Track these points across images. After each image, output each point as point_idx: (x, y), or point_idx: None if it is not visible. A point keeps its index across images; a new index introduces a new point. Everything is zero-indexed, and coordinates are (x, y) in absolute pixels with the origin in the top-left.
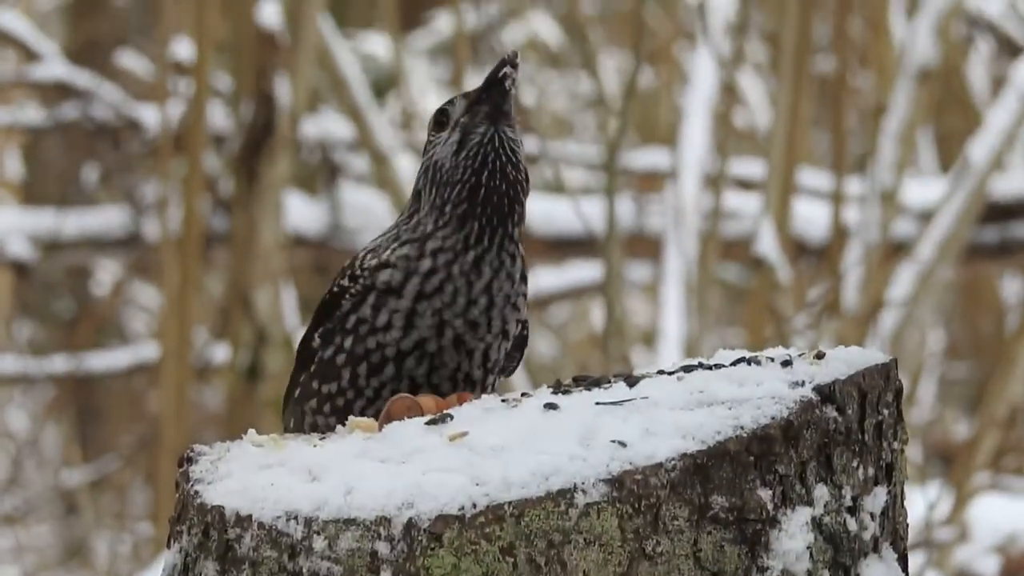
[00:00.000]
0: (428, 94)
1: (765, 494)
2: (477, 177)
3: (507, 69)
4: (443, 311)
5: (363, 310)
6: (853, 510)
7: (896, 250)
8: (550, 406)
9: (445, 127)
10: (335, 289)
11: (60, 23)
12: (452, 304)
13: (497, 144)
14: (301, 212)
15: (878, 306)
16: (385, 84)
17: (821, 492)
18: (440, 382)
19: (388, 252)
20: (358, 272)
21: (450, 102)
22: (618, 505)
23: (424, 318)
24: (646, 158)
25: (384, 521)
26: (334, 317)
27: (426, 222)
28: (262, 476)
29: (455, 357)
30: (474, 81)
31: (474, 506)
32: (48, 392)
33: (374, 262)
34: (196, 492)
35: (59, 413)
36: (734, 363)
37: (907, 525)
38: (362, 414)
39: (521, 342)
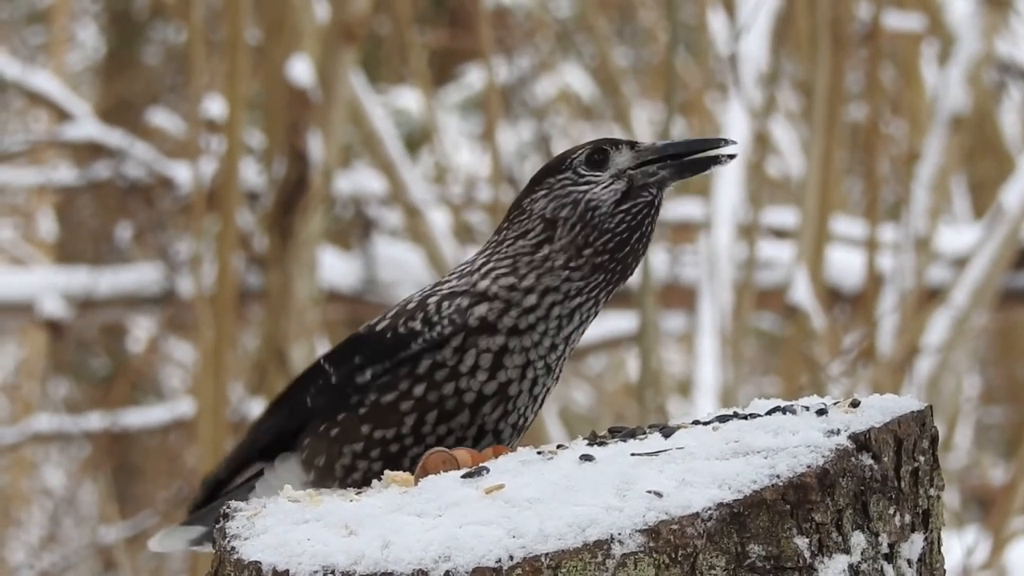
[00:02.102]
0: (460, 148)
1: (802, 542)
2: (630, 234)
3: (725, 158)
4: (530, 351)
5: (443, 354)
6: (890, 557)
7: (930, 297)
8: (586, 457)
9: (601, 168)
10: (401, 331)
11: (92, 83)
12: (538, 345)
13: (657, 208)
14: (335, 267)
15: (913, 353)
16: (417, 138)
17: (858, 539)
18: (504, 428)
19: (488, 281)
20: (435, 319)
21: (613, 144)
22: (655, 555)
23: (513, 356)
24: (679, 209)
25: (421, 575)
26: (394, 359)
27: (557, 257)
28: (299, 531)
29: (526, 402)
30: (507, 136)
31: (511, 558)
32: (85, 449)
33: (465, 303)
34: (233, 548)
35: (96, 470)
36: (769, 412)
37: (944, 571)
38: (415, 462)
39: None
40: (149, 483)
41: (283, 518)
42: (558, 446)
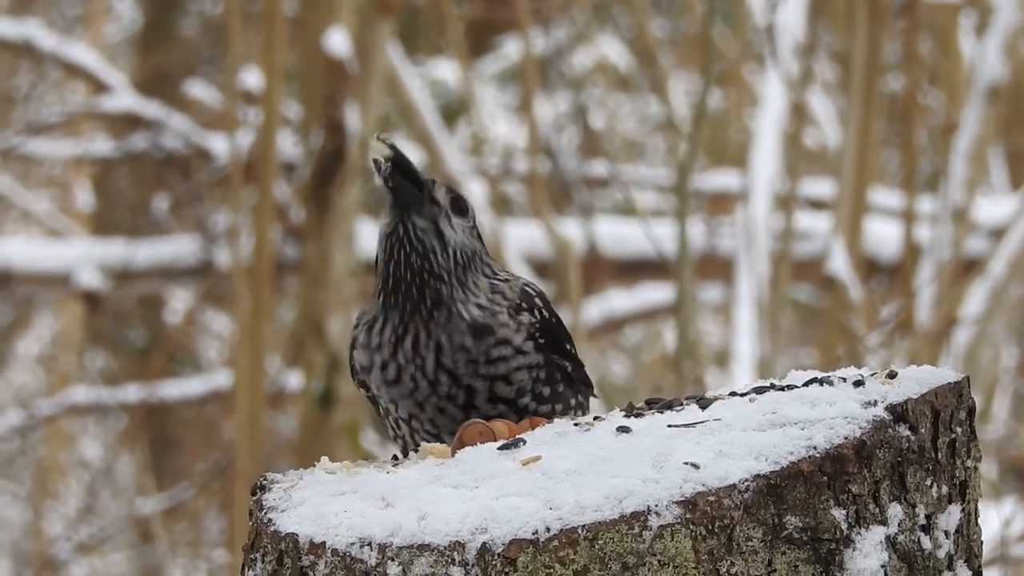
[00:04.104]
0: (497, 119)
1: (839, 513)
2: (386, 268)
3: (378, 161)
4: (414, 393)
5: (368, 381)
6: (927, 528)
7: (968, 267)
8: (623, 429)
9: None
10: None
11: (129, 54)
12: (416, 388)
13: (400, 235)
14: (373, 239)
15: (951, 324)
16: (454, 110)
17: (895, 511)
18: (454, 428)
19: (359, 329)
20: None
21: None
22: (692, 527)
23: (403, 400)
24: (717, 180)
25: (458, 546)
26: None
27: (378, 307)
28: (336, 503)
29: (450, 419)
30: (544, 108)
31: (548, 530)
32: (122, 421)
33: (352, 339)
34: (270, 520)
35: (133, 442)
36: (806, 384)
37: (982, 542)
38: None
39: (555, 345)
40: (186, 455)
41: (320, 490)
42: (595, 418)
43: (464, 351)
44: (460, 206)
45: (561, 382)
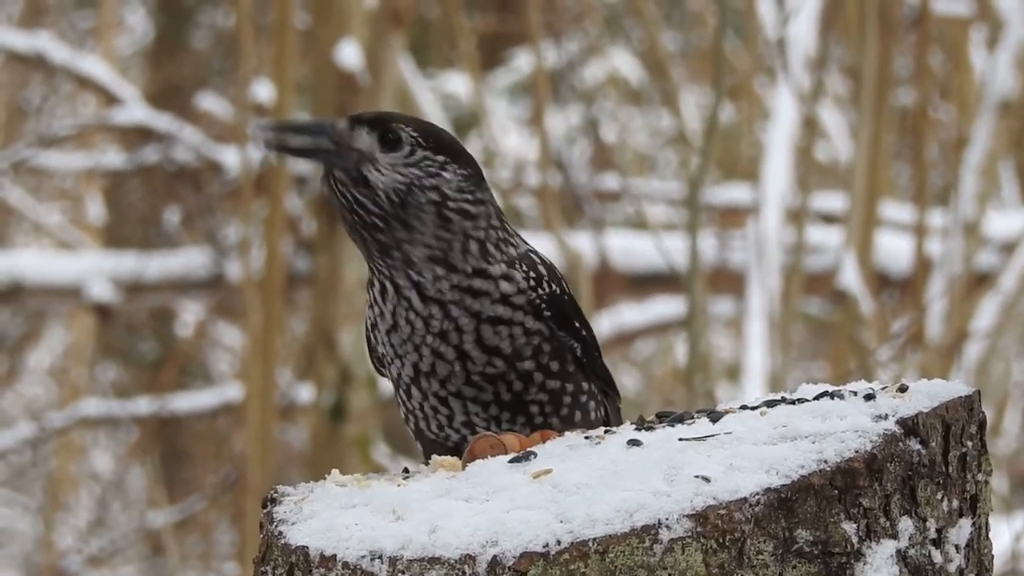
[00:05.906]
0: (508, 132)
1: (850, 527)
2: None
3: (261, 137)
4: (412, 337)
5: (377, 343)
6: (938, 542)
7: (979, 281)
8: (634, 442)
9: None
10: None
11: (140, 67)
12: (412, 332)
13: (328, 191)
14: None
15: (962, 338)
16: (466, 123)
17: (906, 525)
18: (459, 388)
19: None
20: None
21: None
22: (703, 540)
23: (403, 346)
24: (728, 193)
25: (469, 559)
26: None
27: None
28: (346, 516)
29: (449, 368)
30: (555, 121)
31: (558, 543)
32: (133, 434)
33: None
34: (280, 533)
35: (144, 454)
36: (817, 397)
37: (992, 557)
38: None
39: (559, 314)
40: (197, 467)
41: (330, 503)
42: (605, 431)
43: (445, 279)
44: (390, 139)
45: (572, 363)
